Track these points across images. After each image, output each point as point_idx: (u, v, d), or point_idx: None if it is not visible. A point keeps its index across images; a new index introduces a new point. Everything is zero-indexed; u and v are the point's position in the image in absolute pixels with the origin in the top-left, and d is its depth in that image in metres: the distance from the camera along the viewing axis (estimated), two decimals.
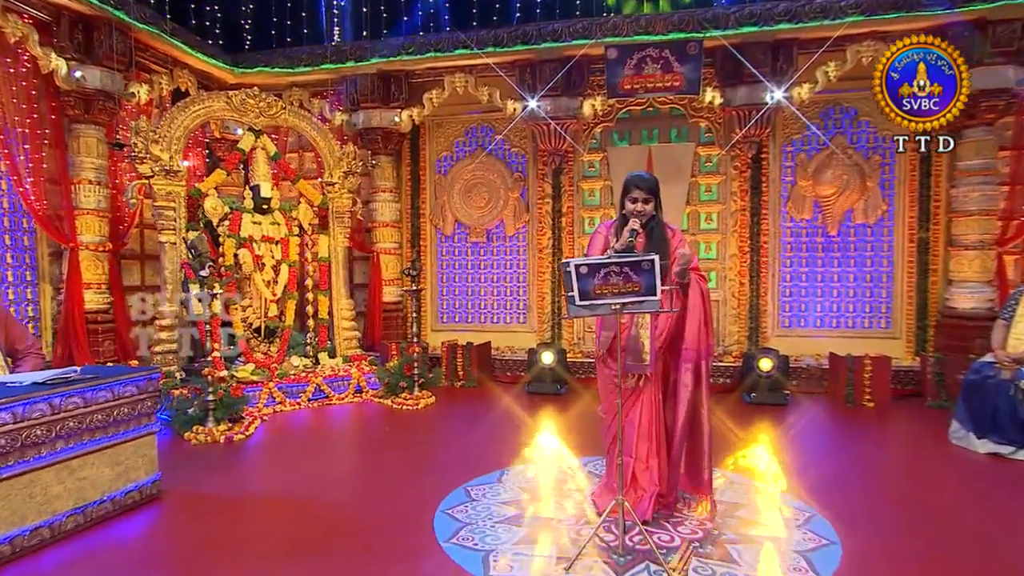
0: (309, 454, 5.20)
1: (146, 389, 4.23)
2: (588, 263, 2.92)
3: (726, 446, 5.21)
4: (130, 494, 4.07)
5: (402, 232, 8.86)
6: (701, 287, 3.45)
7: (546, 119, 7.70)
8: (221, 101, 7.00)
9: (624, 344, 3.44)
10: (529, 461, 4.84)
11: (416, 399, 6.74)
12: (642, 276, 2.95)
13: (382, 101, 8.19)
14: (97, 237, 6.66)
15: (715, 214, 7.98)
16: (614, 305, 3.01)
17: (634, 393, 3.48)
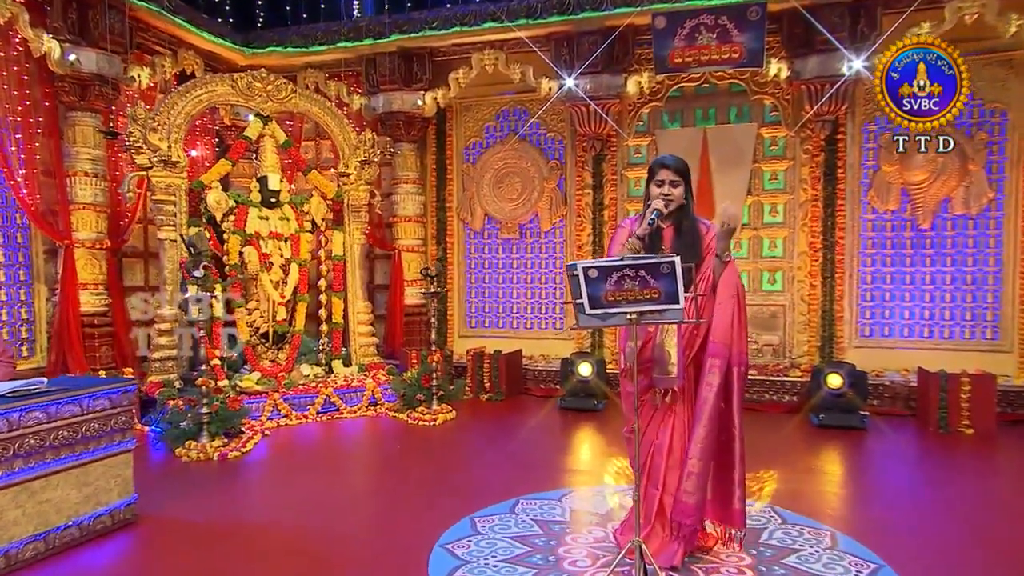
0: (306, 475, 5.09)
1: (120, 403, 4.14)
2: (598, 265, 2.77)
3: (781, 476, 4.87)
4: (100, 519, 3.98)
5: (426, 227, 8.77)
6: (738, 283, 3.22)
7: (585, 99, 7.45)
8: (225, 84, 6.97)
9: (648, 355, 3.26)
10: (550, 488, 4.64)
11: (434, 414, 6.61)
12: (661, 281, 2.75)
13: (403, 82, 8.08)
14: (94, 234, 6.69)
15: (781, 205, 7.62)
16: (629, 315, 2.83)
17: (661, 412, 3.28)
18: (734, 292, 3.19)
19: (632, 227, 3.32)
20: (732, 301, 3.17)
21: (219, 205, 6.87)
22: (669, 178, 3.23)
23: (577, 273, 2.80)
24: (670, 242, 3.23)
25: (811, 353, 7.41)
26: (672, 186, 3.23)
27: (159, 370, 6.60)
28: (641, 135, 8.02)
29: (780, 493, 4.52)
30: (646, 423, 3.30)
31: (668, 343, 3.23)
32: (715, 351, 3.15)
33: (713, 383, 3.14)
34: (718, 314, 3.15)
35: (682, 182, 3.25)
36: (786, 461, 5.27)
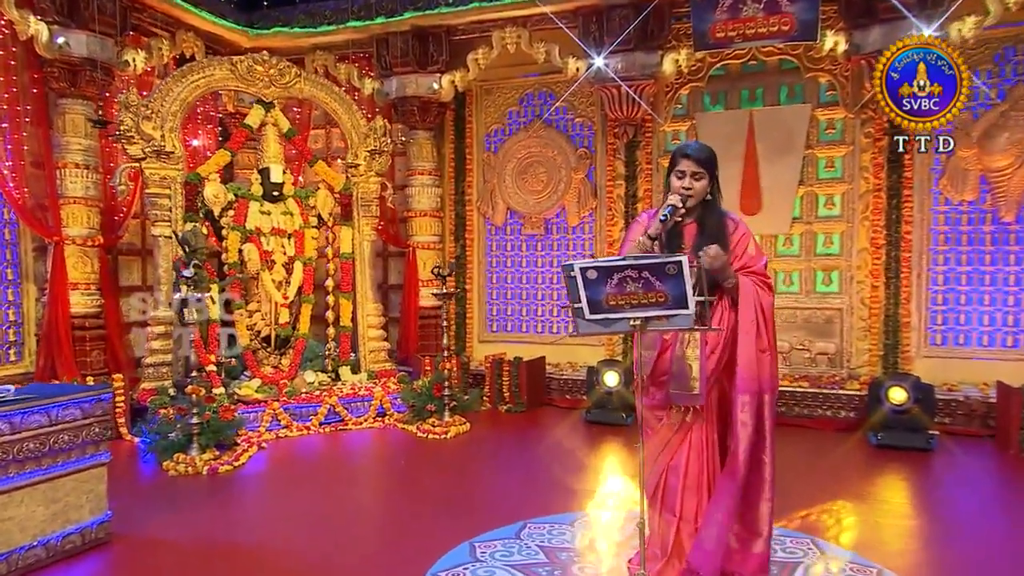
0: (300, 492, 5.06)
1: (93, 413, 4.13)
2: (596, 265, 2.69)
3: (828, 503, 4.67)
4: (69, 538, 3.96)
5: (443, 223, 8.72)
6: (760, 300, 3.05)
7: (616, 81, 7.33)
8: (224, 69, 6.98)
9: (665, 367, 3.14)
10: (563, 511, 4.52)
11: (445, 426, 6.55)
12: (668, 283, 2.64)
13: (418, 64, 8.04)
14: (85, 230, 6.75)
15: (838, 196, 7.39)
16: (633, 321, 2.73)
17: (679, 430, 3.16)
18: (753, 314, 3.03)
19: (649, 222, 3.20)
20: (754, 327, 3.03)
21: (217, 199, 6.88)
22: (691, 170, 3.08)
23: (574, 274, 2.73)
24: (692, 241, 3.11)
25: (872, 363, 7.18)
26: (694, 179, 3.07)
27: (153, 376, 6.62)
28: (679, 119, 7.86)
29: (824, 522, 4.32)
30: (661, 445, 3.19)
31: (690, 355, 3.11)
32: (744, 386, 3.03)
33: (748, 423, 3.03)
34: (742, 343, 3.02)
35: (706, 175, 3.10)
36: (835, 485, 5.06)
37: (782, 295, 7.43)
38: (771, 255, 7.47)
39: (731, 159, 7.40)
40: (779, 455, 5.96)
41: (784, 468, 5.62)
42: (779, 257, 7.51)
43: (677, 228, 3.12)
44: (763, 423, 3.08)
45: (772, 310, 3.10)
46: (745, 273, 3.06)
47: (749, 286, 3.04)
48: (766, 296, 3.07)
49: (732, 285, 3.00)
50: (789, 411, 6.91)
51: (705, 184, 3.09)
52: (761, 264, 3.12)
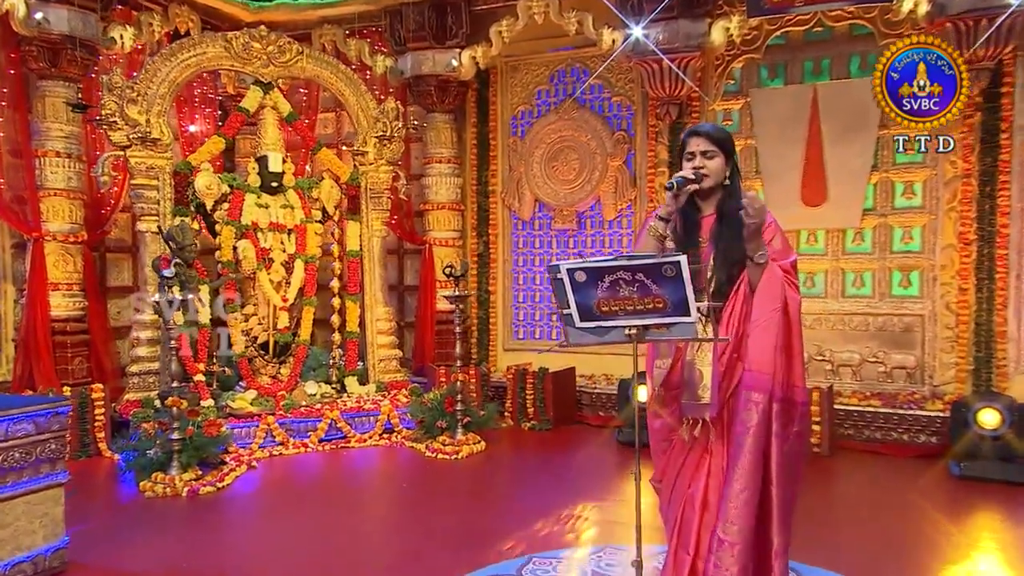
0: (285, 519, 5.03)
1: (49, 427, 4.11)
2: (585, 266, 2.71)
3: (891, 543, 4.45)
4: (19, 567, 3.94)
5: (465, 216, 8.66)
6: (786, 294, 2.94)
7: (657, 54, 7.14)
8: (217, 46, 7.00)
9: (678, 378, 3.07)
10: (574, 545, 4.45)
11: (457, 445, 6.48)
12: (666, 286, 2.64)
13: (435, 39, 7.98)
14: (67, 225, 6.81)
15: (919, 184, 7.14)
16: (628, 329, 2.75)
17: (695, 453, 3.08)
18: (778, 304, 2.91)
19: None
20: (775, 316, 2.90)
21: (210, 190, 6.88)
22: (700, 148, 3.03)
23: (561, 276, 2.72)
24: (710, 234, 3.04)
25: (959, 380, 6.90)
26: (705, 157, 3.01)
27: (138, 387, 6.67)
28: (731, 96, 7.66)
29: (882, 568, 4.13)
30: (676, 469, 3.09)
31: (700, 360, 3.05)
32: (752, 382, 2.91)
33: (749, 422, 2.90)
34: (756, 336, 2.92)
35: (719, 153, 3.04)
36: (910, 524, 4.86)
37: (851, 299, 7.27)
38: (839, 253, 7.30)
39: (791, 142, 7.22)
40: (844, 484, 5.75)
41: (850, 500, 5.59)
42: (848, 255, 7.29)
43: (694, 220, 3.08)
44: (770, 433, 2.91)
45: (799, 312, 2.98)
46: None
47: (777, 273, 2.93)
48: (793, 294, 2.96)
49: (764, 262, 2.89)
50: (858, 434, 6.71)
51: (721, 164, 3.04)
52: (789, 261, 3.01)
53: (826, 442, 6.38)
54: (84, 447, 6.33)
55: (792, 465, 2.99)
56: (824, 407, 6.41)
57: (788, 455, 2.97)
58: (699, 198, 3.10)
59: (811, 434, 3.39)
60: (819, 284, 7.38)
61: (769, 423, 2.91)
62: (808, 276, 7.37)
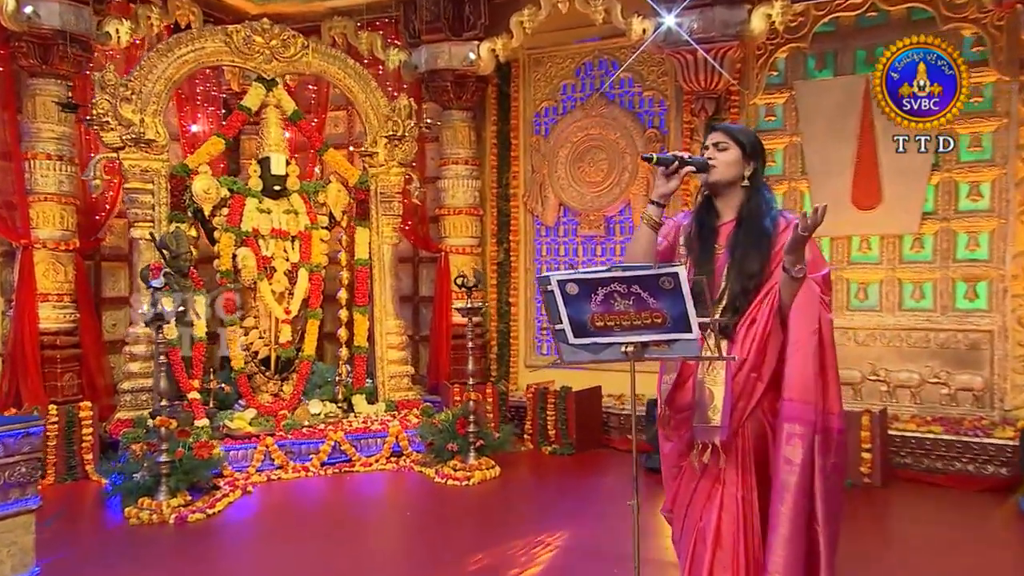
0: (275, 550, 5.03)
1: (18, 449, 4.11)
2: (576, 278, 2.71)
3: None
4: None
5: (484, 222, 8.65)
6: (821, 313, 2.89)
7: (691, 44, 7.02)
8: (217, 40, 7.03)
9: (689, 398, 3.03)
10: None
11: (468, 470, 6.44)
12: (664, 300, 2.62)
13: (452, 31, 7.96)
14: (58, 231, 6.85)
15: (987, 184, 6.99)
16: (624, 346, 2.74)
17: (706, 481, 3.03)
18: (816, 326, 2.87)
19: (680, 223, 3.19)
20: (813, 339, 2.86)
21: (208, 195, 6.90)
22: (714, 140, 3.02)
23: (551, 288, 2.71)
24: (727, 240, 3.00)
25: None
26: (717, 149, 2.99)
27: (130, 405, 6.68)
28: (775, 89, 7.54)
29: None
30: (687, 498, 3.05)
31: (712, 379, 3.00)
32: (793, 413, 2.86)
33: (795, 460, 2.84)
34: (795, 361, 2.88)
35: (733, 147, 3.00)
36: (968, 565, 4.71)
37: (909, 313, 7.11)
38: (895, 261, 7.13)
39: (842, 138, 7.10)
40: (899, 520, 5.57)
41: (906, 539, 5.42)
42: (906, 264, 7.12)
43: (712, 226, 3.04)
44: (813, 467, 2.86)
45: (832, 332, 2.93)
46: None
47: (814, 291, 2.88)
48: (825, 313, 2.90)
49: (802, 275, 2.83)
50: (916, 463, 6.52)
51: (734, 157, 2.99)
52: (821, 275, 2.93)
53: (878, 471, 6.20)
54: (70, 470, 6.35)
55: (834, 501, 2.94)
56: (875, 432, 6.24)
57: (831, 491, 2.92)
58: (717, 201, 3.07)
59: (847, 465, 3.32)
60: (873, 296, 7.20)
61: (813, 458, 2.87)
62: (861, 287, 7.22)
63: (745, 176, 3.01)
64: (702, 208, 3.13)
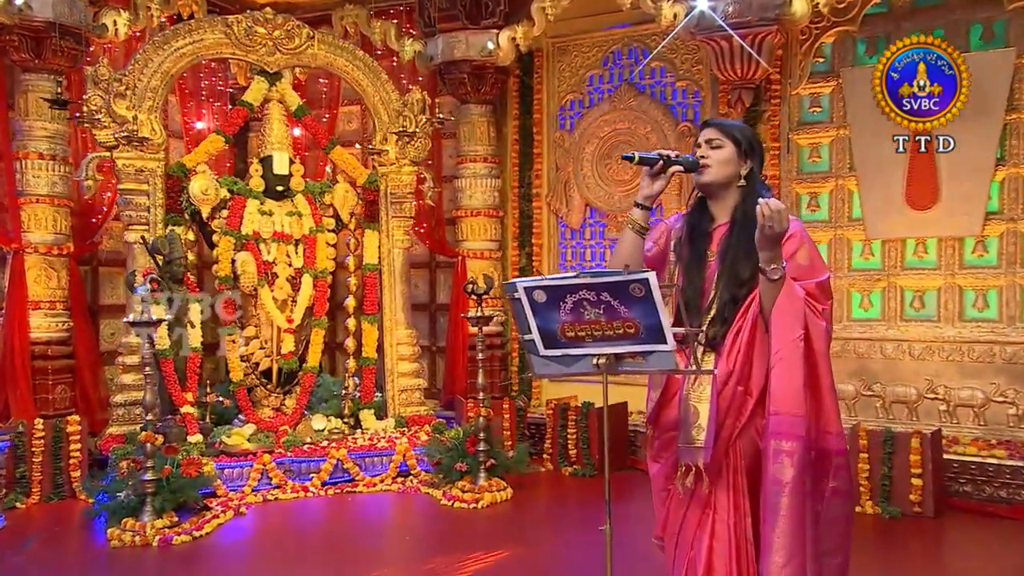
0: None
1: None
2: (544, 284, 2.73)
3: None
4: None
5: (504, 224, 8.62)
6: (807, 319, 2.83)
7: (726, 29, 6.91)
8: (216, 31, 7.08)
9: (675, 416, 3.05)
10: None
11: (478, 492, 6.38)
12: (635, 309, 2.64)
13: (469, 18, 7.96)
14: (51, 235, 6.95)
15: None
16: (595, 359, 2.75)
17: (695, 506, 3.02)
18: (799, 333, 2.81)
19: (673, 225, 3.19)
20: (797, 347, 2.81)
21: (206, 196, 6.95)
22: (707, 137, 3.02)
23: (518, 296, 2.73)
24: (720, 245, 3.00)
25: None
26: (710, 146, 3.00)
27: (123, 419, 6.72)
28: (820, 77, 7.42)
29: None
30: (676, 524, 3.04)
31: (696, 396, 2.99)
32: (780, 428, 2.81)
33: (784, 479, 2.79)
34: (779, 371, 2.84)
35: (728, 143, 3.01)
36: None
37: (971, 324, 6.92)
38: (954, 266, 6.95)
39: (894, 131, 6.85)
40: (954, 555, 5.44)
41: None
42: (967, 270, 6.94)
43: (704, 230, 3.05)
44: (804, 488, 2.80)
45: (826, 342, 2.88)
46: None
47: (795, 294, 2.84)
48: (817, 320, 2.84)
49: (777, 279, 2.80)
50: (977, 492, 6.30)
51: (728, 155, 3.00)
52: (815, 281, 2.91)
53: (929, 500, 5.99)
54: (57, 488, 6.39)
55: (837, 531, 2.91)
56: (927, 456, 6.03)
57: (832, 519, 2.88)
58: (711, 203, 3.05)
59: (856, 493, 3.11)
60: (930, 305, 7.02)
61: (803, 473, 2.80)
62: (917, 295, 7.05)
63: (741, 175, 2.99)
64: (695, 211, 3.13)
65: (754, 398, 2.91)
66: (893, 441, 6.16)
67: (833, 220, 7.29)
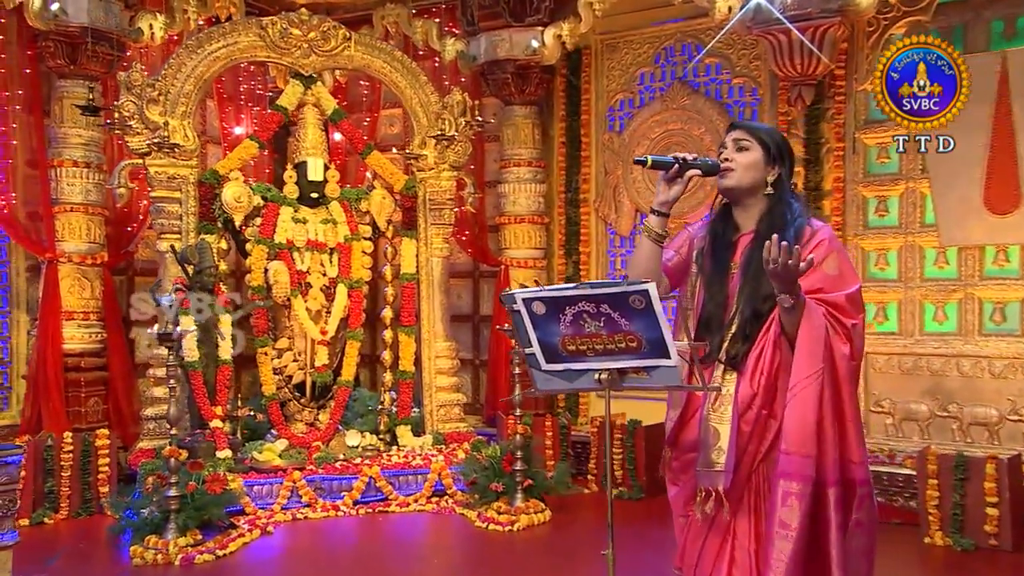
0: None
1: None
2: (543, 295, 2.76)
3: None
4: None
5: (550, 231, 8.60)
6: (831, 344, 2.84)
7: (784, 22, 6.79)
8: (250, 34, 7.23)
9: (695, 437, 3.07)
10: None
11: (514, 514, 6.37)
12: (637, 321, 2.65)
13: (512, 15, 7.95)
14: (84, 244, 7.15)
15: None
16: (598, 374, 2.78)
17: (712, 534, 3.03)
18: (818, 367, 2.80)
19: (696, 233, 3.20)
20: (815, 383, 2.80)
21: (239, 203, 7.07)
22: (734, 138, 3.02)
23: (517, 307, 2.76)
24: (743, 254, 2.99)
25: None
26: (736, 149, 2.98)
27: (153, 433, 6.84)
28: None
29: None
30: (696, 552, 3.06)
31: (716, 417, 3.01)
32: (790, 468, 2.82)
33: (791, 524, 2.79)
34: (791, 406, 2.84)
35: (756, 146, 2.99)
36: None
37: None
38: None
39: (971, 129, 6.73)
40: None
41: None
42: None
43: (728, 240, 3.05)
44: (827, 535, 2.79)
45: (852, 366, 2.88)
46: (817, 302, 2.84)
47: (817, 322, 2.81)
48: (839, 344, 2.84)
49: (791, 305, 2.77)
50: None
51: (755, 159, 2.99)
52: (843, 294, 2.88)
53: (1007, 531, 5.78)
54: (85, 504, 6.56)
55: (854, 566, 2.86)
56: (1003, 483, 5.82)
57: (852, 554, 2.85)
58: (736, 211, 3.04)
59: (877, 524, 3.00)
60: (1012, 318, 6.78)
61: (816, 520, 2.80)
62: (997, 308, 6.80)
63: (768, 182, 2.97)
64: (718, 219, 3.12)
65: (778, 421, 2.89)
66: (966, 466, 5.96)
67: (903, 226, 7.10)
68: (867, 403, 7.19)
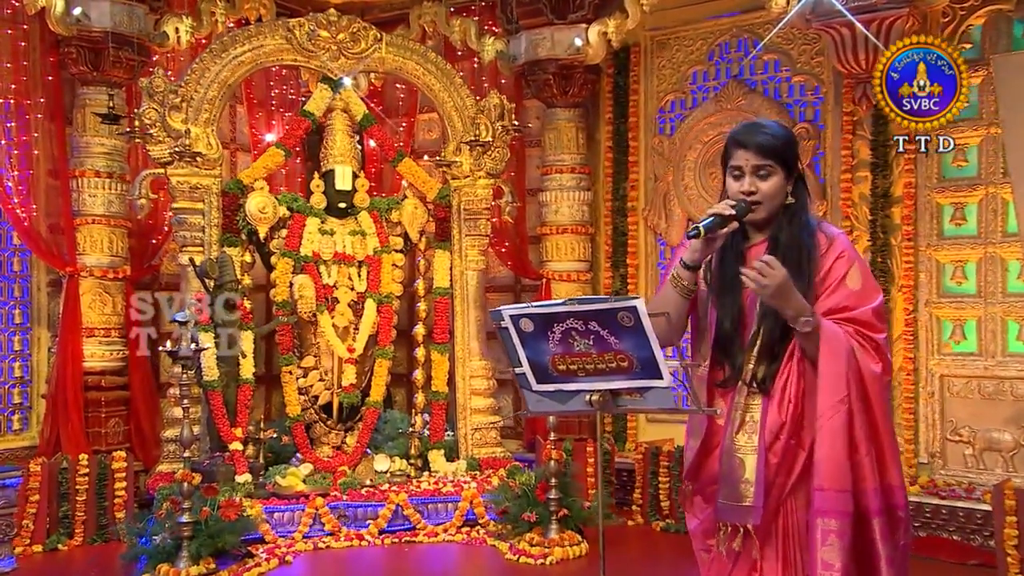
0: None
1: None
2: (531, 312, 2.83)
3: None
4: None
5: (596, 242, 8.58)
6: (859, 365, 2.87)
7: (846, 15, 6.73)
8: (277, 37, 7.34)
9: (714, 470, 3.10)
10: None
11: (547, 546, 6.34)
12: (627, 340, 2.72)
13: (555, 13, 7.98)
14: (106, 257, 7.33)
15: None
16: (589, 395, 2.87)
17: (738, 566, 3.06)
18: (843, 394, 2.83)
19: None
20: (841, 411, 2.83)
21: (264, 214, 7.17)
22: (751, 163, 2.94)
23: (505, 324, 2.83)
24: None
25: None
26: (758, 176, 2.93)
27: (173, 456, 6.92)
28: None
29: None
30: None
31: (741, 447, 3.01)
32: (826, 505, 2.84)
33: (835, 564, 2.83)
34: (819, 439, 2.87)
35: (776, 168, 2.96)
36: None
37: None
38: None
39: None
40: None
41: None
42: None
43: (738, 251, 3.03)
44: (882, 563, 2.87)
45: (882, 386, 2.94)
46: (838, 321, 2.87)
47: (839, 345, 2.84)
48: (870, 363, 2.87)
49: (810, 330, 2.81)
50: None
51: (780, 183, 2.96)
52: (868, 308, 2.92)
53: None
54: (101, 529, 6.70)
55: None
56: None
57: None
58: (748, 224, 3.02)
59: None
60: None
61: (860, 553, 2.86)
62: None
63: (788, 192, 2.97)
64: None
65: (806, 451, 2.89)
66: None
67: (983, 235, 6.94)
68: (943, 431, 7.06)
